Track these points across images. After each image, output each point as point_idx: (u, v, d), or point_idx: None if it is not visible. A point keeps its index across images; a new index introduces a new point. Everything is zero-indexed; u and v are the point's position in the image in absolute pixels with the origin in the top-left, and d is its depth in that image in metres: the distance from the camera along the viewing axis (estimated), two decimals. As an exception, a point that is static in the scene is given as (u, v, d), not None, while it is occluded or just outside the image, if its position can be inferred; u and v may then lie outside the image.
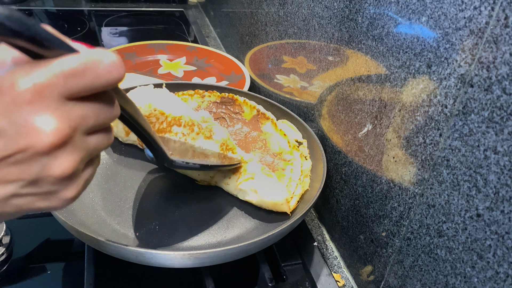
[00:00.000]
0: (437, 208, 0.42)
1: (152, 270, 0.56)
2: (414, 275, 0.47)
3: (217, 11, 1.27)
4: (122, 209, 0.57)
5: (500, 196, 0.35)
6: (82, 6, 1.36)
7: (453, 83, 0.39)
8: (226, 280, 0.58)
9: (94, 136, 0.30)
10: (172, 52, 1.05)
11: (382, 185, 0.52)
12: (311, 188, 0.62)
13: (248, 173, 0.58)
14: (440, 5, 0.40)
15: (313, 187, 0.61)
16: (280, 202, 0.56)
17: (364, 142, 0.55)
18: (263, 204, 0.58)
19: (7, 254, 0.57)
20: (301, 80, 0.74)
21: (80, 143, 0.28)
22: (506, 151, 0.34)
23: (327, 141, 0.66)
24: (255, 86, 0.94)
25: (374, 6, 0.50)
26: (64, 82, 0.26)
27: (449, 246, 0.41)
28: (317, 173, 0.62)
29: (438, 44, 0.41)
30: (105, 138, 0.31)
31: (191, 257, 0.46)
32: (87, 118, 0.28)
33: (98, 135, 0.30)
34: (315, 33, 0.67)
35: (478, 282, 0.38)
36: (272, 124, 0.71)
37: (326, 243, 0.67)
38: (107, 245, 0.46)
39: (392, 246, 0.51)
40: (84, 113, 0.28)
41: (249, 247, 0.49)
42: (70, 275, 0.56)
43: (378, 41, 0.50)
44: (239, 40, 1.06)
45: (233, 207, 0.60)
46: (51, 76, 0.26)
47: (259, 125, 0.72)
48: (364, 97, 0.54)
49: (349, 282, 0.61)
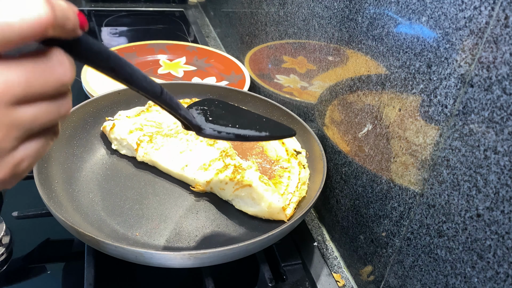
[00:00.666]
0: (437, 208, 0.42)
1: (152, 270, 0.56)
2: (414, 275, 0.47)
3: (217, 11, 1.27)
4: (122, 209, 0.57)
5: (500, 196, 0.35)
6: (82, 6, 1.36)
7: (453, 83, 0.39)
8: (226, 280, 0.58)
9: (29, 108, 0.24)
10: (172, 52, 1.05)
11: (382, 185, 0.52)
12: (311, 188, 0.62)
13: (245, 181, 0.58)
14: (440, 5, 0.40)
15: (313, 187, 0.61)
16: (276, 211, 0.55)
17: (364, 142, 0.55)
18: (259, 213, 0.57)
19: (7, 254, 0.57)
20: (301, 80, 0.74)
21: (2, 118, 0.23)
22: (506, 151, 0.34)
23: (327, 141, 0.66)
24: (255, 86, 0.94)
25: (374, 6, 0.50)
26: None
27: (449, 246, 0.41)
28: (317, 173, 0.62)
29: (438, 44, 0.41)
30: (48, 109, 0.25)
31: (191, 257, 0.46)
32: (11, 86, 0.23)
33: (34, 106, 0.25)
34: (315, 33, 0.67)
35: (478, 282, 0.38)
36: None
37: (326, 243, 0.67)
38: (107, 245, 0.46)
39: (392, 246, 0.51)
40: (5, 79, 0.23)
41: (249, 247, 0.49)
42: (70, 275, 0.56)
43: (378, 41, 0.50)
44: (239, 40, 1.06)
45: (233, 207, 0.60)
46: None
47: None
48: (364, 97, 0.54)
49: (349, 282, 0.61)
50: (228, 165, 0.60)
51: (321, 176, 0.59)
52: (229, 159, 0.61)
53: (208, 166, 0.60)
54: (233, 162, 0.60)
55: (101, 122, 0.70)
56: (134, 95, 0.74)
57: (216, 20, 1.29)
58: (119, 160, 0.66)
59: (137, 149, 0.63)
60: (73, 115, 0.65)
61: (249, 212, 0.57)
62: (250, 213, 0.57)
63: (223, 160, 0.60)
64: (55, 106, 0.26)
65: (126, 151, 0.66)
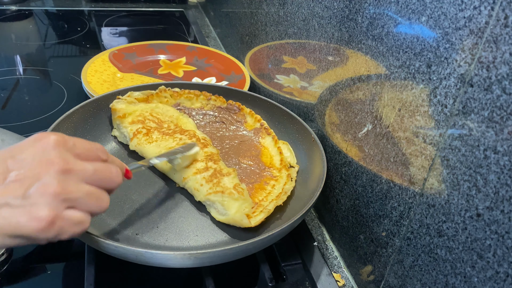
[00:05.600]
0: (437, 208, 0.42)
1: (152, 270, 0.56)
2: (414, 275, 0.47)
3: (217, 11, 1.27)
4: (122, 209, 0.57)
5: (500, 196, 0.35)
6: (82, 6, 1.36)
7: (453, 83, 0.39)
8: (226, 280, 0.58)
9: (88, 186, 0.39)
10: (172, 52, 1.05)
11: (382, 185, 0.52)
12: (310, 188, 0.62)
13: (219, 186, 0.56)
14: (440, 5, 0.40)
15: (313, 187, 0.61)
16: (240, 219, 0.54)
17: (364, 142, 0.55)
18: (226, 221, 0.56)
19: (7, 254, 0.57)
20: (301, 80, 0.74)
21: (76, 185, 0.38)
22: (506, 150, 0.34)
23: (327, 141, 0.66)
24: (255, 86, 0.95)
25: (374, 6, 0.50)
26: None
27: (449, 246, 0.41)
28: (317, 173, 0.62)
29: (438, 44, 0.41)
30: (96, 195, 0.40)
31: (191, 257, 0.46)
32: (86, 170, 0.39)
33: (90, 187, 0.39)
34: (315, 33, 0.67)
35: (478, 281, 0.38)
36: (273, 139, 0.71)
37: (326, 243, 0.67)
38: (107, 245, 0.46)
39: (392, 246, 0.51)
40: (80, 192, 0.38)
41: (249, 247, 0.49)
42: (70, 275, 0.56)
43: (378, 41, 0.50)
44: (239, 40, 1.06)
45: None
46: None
47: (259, 137, 0.72)
48: (364, 97, 0.54)
49: (349, 282, 0.61)
50: (209, 168, 0.59)
51: (321, 176, 0.59)
52: (212, 163, 0.60)
53: (190, 164, 0.60)
54: (215, 166, 0.59)
55: (101, 122, 0.70)
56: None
57: (216, 20, 1.29)
58: (119, 145, 0.68)
59: (132, 139, 0.65)
60: (73, 115, 0.65)
61: (217, 219, 0.56)
62: (218, 219, 0.56)
63: (206, 162, 0.60)
64: (100, 196, 0.40)
65: (123, 139, 0.69)
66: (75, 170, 0.37)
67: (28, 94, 0.91)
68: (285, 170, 0.66)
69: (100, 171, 0.40)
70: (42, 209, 0.34)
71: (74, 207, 0.37)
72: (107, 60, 0.96)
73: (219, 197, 0.56)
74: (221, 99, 0.77)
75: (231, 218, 0.55)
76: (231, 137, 0.73)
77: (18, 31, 1.20)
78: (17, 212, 0.34)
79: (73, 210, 0.37)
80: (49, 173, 0.35)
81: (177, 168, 0.60)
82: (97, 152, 0.41)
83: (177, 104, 0.76)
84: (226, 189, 0.56)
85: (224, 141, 0.72)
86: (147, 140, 0.64)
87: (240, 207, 0.55)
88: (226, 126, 0.75)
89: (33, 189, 0.35)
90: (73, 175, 0.37)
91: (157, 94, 0.74)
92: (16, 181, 0.35)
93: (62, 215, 0.36)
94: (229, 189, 0.56)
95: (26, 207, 0.34)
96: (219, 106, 0.77)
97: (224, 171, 0.59)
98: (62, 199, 0.36)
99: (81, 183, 0.38)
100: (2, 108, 0.85)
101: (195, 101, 0.77)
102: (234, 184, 0.57)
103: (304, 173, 0.66)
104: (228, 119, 0.76)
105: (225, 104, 0.77)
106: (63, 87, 0.95)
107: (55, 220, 0.35)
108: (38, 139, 0.38)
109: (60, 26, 1.24)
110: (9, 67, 1.01)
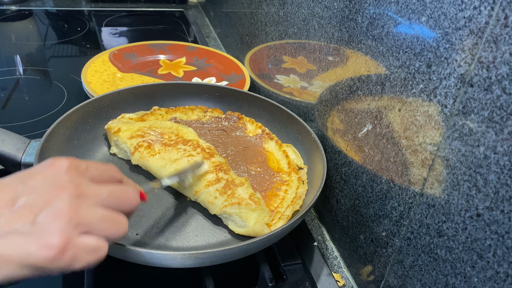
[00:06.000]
0: (437, 208, 0.42)
1: (152, 270, 0.56)
2: (414, 275, 0.47)
3: (217, 11, 1.27)
4: (122, 209, 0.57)
5: (500, 196, 0.35)
6: (82, 6, 1.36)
7: (453, 83, 0.39)
8: (226, 280, 0.58)
9: (103, 209, 0.37)
10: (172, 52, 1.06)
11: (382, 185, 0.52)
12: (310, 188, 0.62)
13: (235, 198, 0.55)
14: (440, 5, 0.40)
15: (313, 187, 0.61)
16: (260, 229, 0.53)
17: (364, 142, 0.55)
18: (246, 233, 0.55)
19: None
20: (301, 80, 0.74)
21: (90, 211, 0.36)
22: (506, 150, 0.34)
23: (327, 141, 0.66)
24: (255, 86, 0.95)
25: (374, 6, 0.50)
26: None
27: (449, 246, 0.41)
28: (317, 173, 0.62)
29: (438, 44, 0.41)
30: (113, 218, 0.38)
31: (191, 257, 0.46)
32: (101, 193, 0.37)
33: (105, 210, 0.37)
34: (315, 33, 0.67)
35: (478, 281, 0.38)
36: (276, 143, 0.71)
37: (326, 243, 0.67)
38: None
39: (392, 246, 0.51)
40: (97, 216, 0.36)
41: (249, 247, 0.49)
42: (70, 275, 0.56)
43: (378, 41, 0.50)
44: (239, 40, 1.06)
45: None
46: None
47: (262, 143, 0.72)
48: (364, 97, 0.54)
49: (349, 282, 0.61)
50: (220, 179, 0.58)
51: (321, 176, 0.59)
52: (222, 173, 0.58)
53: (200, 177, 0.58)
54: (226, 176, 0.58)
55: (101, 122, 0.70)
56: (134, 95, 0.74)
57: (216, 20, 1.29)
58: (119, 161, 0.66)
59: (134, 153, 0.63)
60: (73, 115, 0.65)
61: (236, 232, 0.55)
62: (237, 232, 0.55)
63: (216, 173, 0.58)
64: (116, 220, 0.38)
65: (123, 155, 0.67)
66: (88, 193, 0.36)
67: (28, 94, 0.91)
68: (294, 173, 0.65)
69: (115, 193, 0.38)
70: (52, 235, 0.32)
71: (89, 232, 0.35)
72: (107, 60, 0.96)
73: (235, 209, 0.54)
74: (218, 111, 0.76)
75: (251, 229, 0.53)
76: (235, 143, 0.71)
77: (18, 31, 1.20)
78: (25, 239, 0.32)
79: (88, 236, 0.35)
80: (61, 198, 0.34)
81: (186, 185, 0.59)
82: (111, 173, 0.40)
83: (173, 118, 0.75)
84: (242, 200, 0.55)
85: (228, 147, 0.70)
86: (150, 153, 0.62)
87: (258, 218, 0.54)
88: (227, 133, 0.74)
89: (43, 215, 0.33)
90: (87, 199, 0.35)
91: (151, 113, 0.72)
92: (26, 207, 0.33)
93: (75, 242, 0.33)
94: (245, 200, 0.55)
95: (35, 234, 0.32)
96: (217, 116, 0.76)
97: (236, 181, 0.58)
98: (75, 224, 0.34)
99: (96, 207, 0.36)
100: (2, 108, 0.85)
101: (191, 114, 0.76)
102: (249, 194, 0.56)
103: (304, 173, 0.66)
104: (228, 127, 0.75)
105: (223, 114, 0.76)
106: (63, 87, 0.95)
107: (67, 247, 0.33)
108: (49, 164, 0.36)
109: (60, 26, 1.24)
110: (9, 67, 1.01)
